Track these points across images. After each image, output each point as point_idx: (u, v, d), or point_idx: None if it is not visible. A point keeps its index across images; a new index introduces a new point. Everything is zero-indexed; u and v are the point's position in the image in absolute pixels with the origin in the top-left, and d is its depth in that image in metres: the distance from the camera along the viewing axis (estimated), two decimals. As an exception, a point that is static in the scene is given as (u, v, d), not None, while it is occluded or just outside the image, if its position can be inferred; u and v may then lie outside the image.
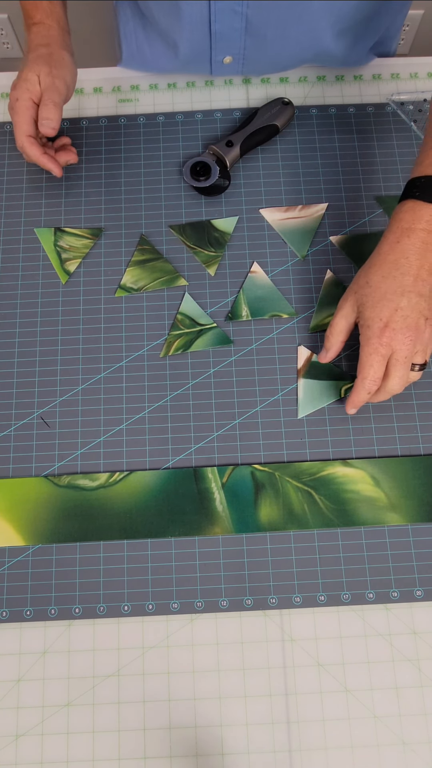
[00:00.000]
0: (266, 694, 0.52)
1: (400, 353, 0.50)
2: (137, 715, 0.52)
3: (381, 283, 0.51)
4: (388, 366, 0.52)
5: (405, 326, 0.50)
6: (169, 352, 0.61)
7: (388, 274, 0.50)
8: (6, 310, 0.62)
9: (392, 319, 0.50)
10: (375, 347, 0.51)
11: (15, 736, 0.51)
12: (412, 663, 0.52)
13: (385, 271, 0.51)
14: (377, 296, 0.50)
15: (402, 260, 0.50)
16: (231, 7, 0.60)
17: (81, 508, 0.56)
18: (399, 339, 0.50)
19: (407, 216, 0.51)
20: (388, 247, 0.51)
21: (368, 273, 0.52)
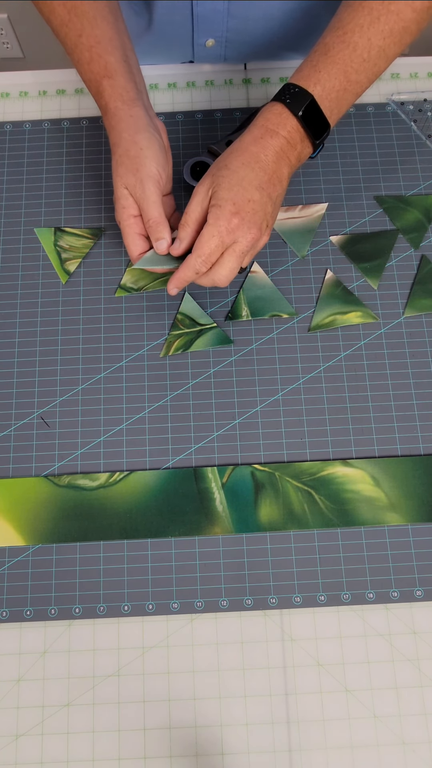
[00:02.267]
0: (266, 694, 0.52)
1: (239, 245, 0.49)
2: (137, 715, 0.52)
3: (240, 168, 0.49)
4: (224, 254, 0.50)
5: (252, 221, 0.49)
6: (169, 352, 0.61)
7: (247, 163, 0.49)
8: (6, 310, 0.62)
9: (243, 209, 0.49)
10: (220, 230, 0.49)
11: (15, 736, 0.51)
12: (412, 663, 0.52)
13: (245, 158, 0.49)
14: (234, 180, 0.49)
15: (261, 155, 0.49)
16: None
17: (81, 508, 0.56)
18: (244, 230, 0.49)
19: (274, 118, 0.50)
20: (251, 140, 0.50)
21: (227, 158, 0.50)
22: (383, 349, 0.61)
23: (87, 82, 0.55)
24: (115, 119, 0.53)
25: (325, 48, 0.50)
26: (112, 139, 0.54)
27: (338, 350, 0.61)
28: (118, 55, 0.54)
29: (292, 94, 0.50)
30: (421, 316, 0.62)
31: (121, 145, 0.53)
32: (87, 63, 0.54)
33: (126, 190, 0.52)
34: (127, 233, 0.53)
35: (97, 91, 0.54)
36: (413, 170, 0.66)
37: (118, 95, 0.53)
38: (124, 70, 0.54)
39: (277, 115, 0.50)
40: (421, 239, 0.64)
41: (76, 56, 0.55)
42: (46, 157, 0.68)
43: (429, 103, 0.69)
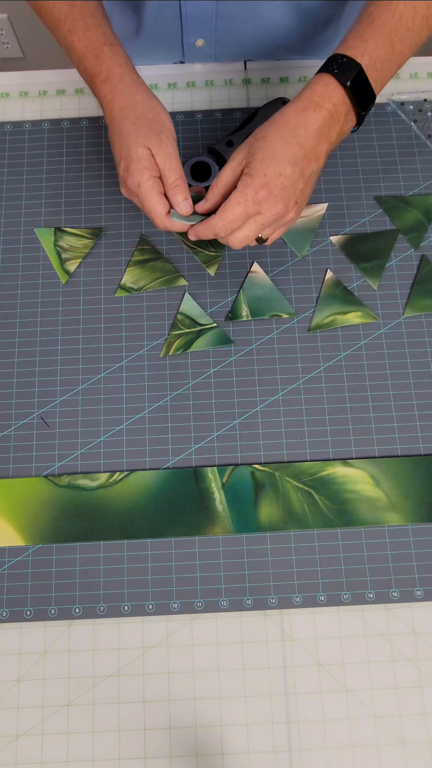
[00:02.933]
0: (266, 694, 0.52)
1: (261, 216, 0.49)
2: (137, 715, 0.52)
3: (276, 141, 0.49)
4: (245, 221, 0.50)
5: (279, 195, 0.49)
6: (169, 352, 0.60)
7: (285, 136, 0.49)
8: (6, 310, 0.62)
9: (272, 181, 0.48)
10: (246, 198, 0.49)
11: (15, 736, 0.51)
12: (412, 663, 0.52)
13: (283, 132, 0.49)
14: (269, 152, 0.49)
15: (301, 129, 0.49)
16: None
17: (81, 508, 0.56)
18: (270, 203, 0.49)
19: (320, 90, 0.49)
20: (293, 112, 0.49)
21: (267, 128, 0.50)
22: (383, 349, 0.61)
23: (82, 50, 0.54)
24: (123, 83, 0.53)
25: (370, 18, 0.49)
26: (121, 103, 0.53)
27: (338, 350, 0.61)
28: (111, 28, 0.55)
29: (339, 64, 0.49)
30: (421, 316, 0.62)
31: (136, 108, 0.52)
32: (83, 30, 0.54)
33: (147, 150, 0.51)
34: (152, 194, 0.52)
35: (96, 56, 0.54)
36: (413, 170, 0.66)
37: (122, 61, 0.54)
38: (119, 42, 0.55)
39: (324, 87, 0.49)
40: (421, 239, 0.64)
41: (68, 25, 0.54)
42: (46, 157, 0.68)
43: (429, 103, 0.69)
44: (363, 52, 0.49)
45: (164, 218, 0.53)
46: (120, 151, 0.52)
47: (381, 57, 0.49)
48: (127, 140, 0.52)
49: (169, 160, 0.52)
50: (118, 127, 0.52)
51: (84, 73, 0.55)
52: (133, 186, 0.52)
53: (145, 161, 0.51)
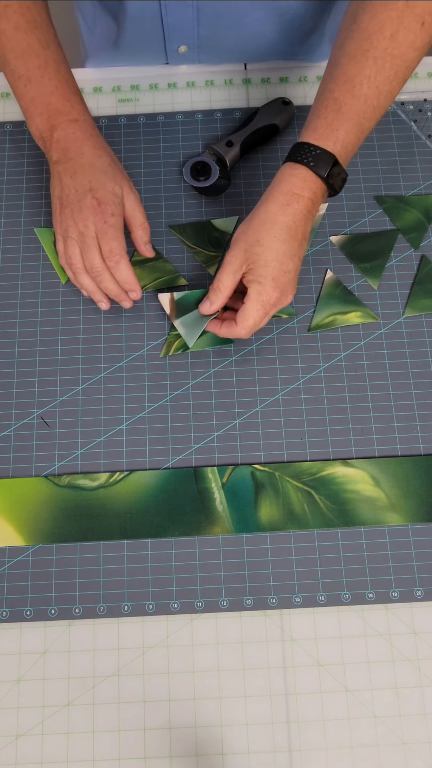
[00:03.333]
0: (266, 694, 0.52)
1: (275, 309, 0.53)
2: (137, 715, 0.52)
3: (273, 243, 0.51)
4: None
5: (288, 288, 0.52)
6: (169, 352, 0.60)
7: (280, 236, 0.51)
8: (6, 310, 0.62)
9: (281, 281, 0.51)
10: (264, 305, 0.52)
11: (15, 736, 0.51)
12: (412, 663, 0.52)
13: (276, 232, 0.51)
14: (271, 256, 0.51)
15: (292, 224, 0.51)
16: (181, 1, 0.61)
17: (81, 508, 0.56)
18: (282, 299, 0.53)
19: (299, 183, 0.51)
20: (279, 209, 0.51)
21: (259, 231, 0.51)
22: (383, 349, 0.61)
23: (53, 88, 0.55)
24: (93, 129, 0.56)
25: (336, 104, 0.50)
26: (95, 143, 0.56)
27: (338, 350, 0.61)
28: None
29: (314, 156, 0.50)
30: (421, 316, 0.62)
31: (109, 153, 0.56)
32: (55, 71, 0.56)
33: (120, 191, 0.55)
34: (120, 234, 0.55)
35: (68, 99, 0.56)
36: (413, 170, 0.66)
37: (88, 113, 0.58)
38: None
39: (302, 180, 0.51)
40: (421, 239, 0.64)
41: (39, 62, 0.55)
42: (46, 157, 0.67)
43: (429, 103, 0.69)
44: (335, 141, 0.50)
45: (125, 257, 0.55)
46: (86, 183, 0.54)
47: (351, 141, 0.51)
48: (104, 174, 0.54)
49: (138, 204, 0.56)
50: (89, 161, 0.54)
51: (44, 108, 0.55)
52: (107, 215, 0.53)
53: (117, 198, 0.54)
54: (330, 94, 0.51)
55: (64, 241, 0.56)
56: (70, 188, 0.54)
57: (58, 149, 0.55)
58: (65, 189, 0.54)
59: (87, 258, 0.55)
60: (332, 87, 0.51)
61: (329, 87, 0.51)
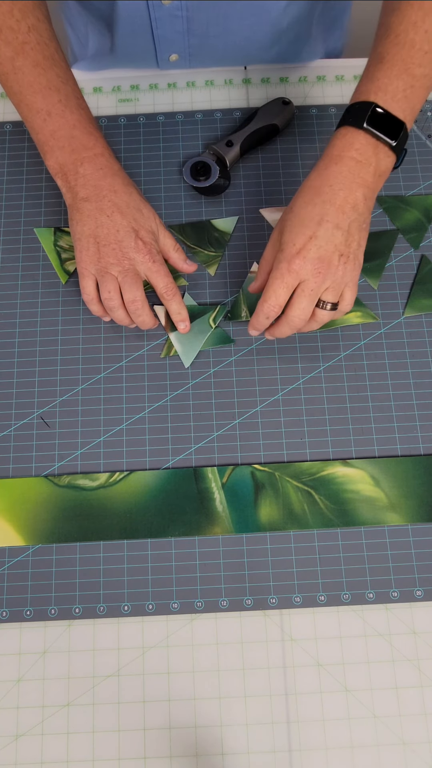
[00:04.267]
0: (266, 694, 0.52)
1: (306, 284, 0.49)
2: (137, 715, 0.52)
3: (301, 209, 0.49)
4: (293, 295, 0.50)
5: (317, 257, 0.48)
6: (169, 353, 0.60)
7: (309, 201, 0.48)
8: (6, 310, 0.62)
9: (306, 247, 0.48)
10: (282, 272, 0.48)
11: (15, 736, 0.51)
12: (412, 663, 0.52)
13: (306, 197, 0.49)
14: (296, 221, 0.48)
15: (325, 187, 0.48)
16: (170, 11, 0.60)
17: (81, 508, 0.56)
18: (308, 269, 0.48)
19: (339, 143, 0.49)
20: (316, 174, 0.49)
21: (293, 200, 0.50)
22: (383, 349, 0.61)
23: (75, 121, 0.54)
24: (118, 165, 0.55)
25: (378, 57, 0.48)
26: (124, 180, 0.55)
27: (338, 350, 0.61)
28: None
29: (353, 111, 0.48)
30: (421, 316, 0.62)
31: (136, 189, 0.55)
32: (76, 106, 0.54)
33: (155, 228, 0.55)
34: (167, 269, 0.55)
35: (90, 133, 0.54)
36: (413, 170, 0.66)
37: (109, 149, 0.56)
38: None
39: (341, 138, 0.48)
40: (421, 239, 0.64)
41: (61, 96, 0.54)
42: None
43: (429, 103, 0.69)
44: (376, 90, 0.48)
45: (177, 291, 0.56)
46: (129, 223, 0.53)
47: (400, 87, 0.48)
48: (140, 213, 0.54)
49: (167, 232, 0.56)
50: (125, 200, 0.53)
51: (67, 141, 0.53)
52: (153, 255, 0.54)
53: (155, 235, 0.55)
54: (373, 51, 0.49)
55: (99, 277, 0.54)
56: (110, 228, 0.52)
57: (87, 185, 0.53)
58: (102, 228, 0.52)
59: (129, 293, 0.53)
60: (375, 44, 0.49)
61: (374, 46, 0.49)
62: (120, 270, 0.53)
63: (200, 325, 0.61)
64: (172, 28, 0.63)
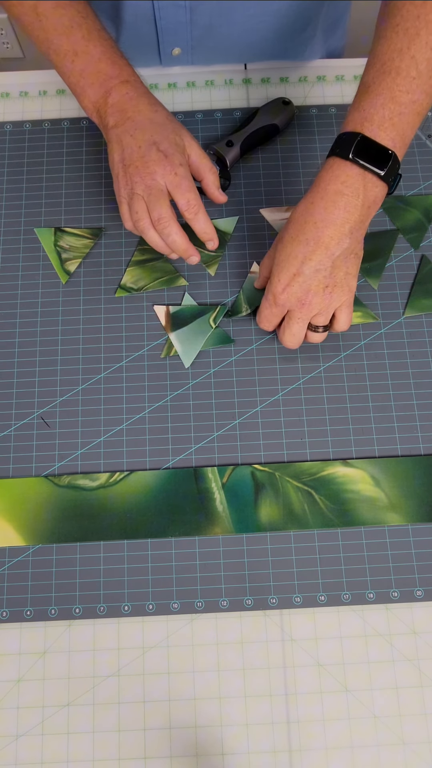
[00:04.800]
0: (266, 694, 0.52)
1: (293, 314, 0.53)
2: (137, 715, 0.52)
3: (288, 244, 0.50)
4: (285, 319, 0.54)
5: (302, 291, 0.51)
6: (169, 353, 0.60)
7: (295, 237, 0.50)
8: (6, 310, 0.62)
9: (290, 284, 0.50)
10: (270, 303, 0.53)
11: (15, 736, 0.51)
12: (412, 663, 0.52)
13: (293, 231, 0.50)
14: (283, 256, 0.51)
15: (310, 225, 0.48)
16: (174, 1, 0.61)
17: (81, 508, 0.56)
18: (293, 302, 0.51)
19: (326, 175, 0.49)
20: (303, 207, 0.49)
21: (285, 229, 0.51)
22: (383, 349, 0.61)
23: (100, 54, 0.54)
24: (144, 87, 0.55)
25: (364, 86, 0.48)
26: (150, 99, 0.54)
27: (338, 350, 0.61)
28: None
29: (339, 142, 0.48)
30: (421, 316, 0.62)
31: (164, 108, 0.55)
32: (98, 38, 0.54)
33: (182, 144, 0.53)
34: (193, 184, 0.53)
35: (114, 62, 0.54)
36: (413, 170, 0.66)
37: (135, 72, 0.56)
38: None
39: (329, 170, 0.48)
40: (421, 239, 0.64)
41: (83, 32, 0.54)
42: (46, 157, 0.68)
43: (429, 103, 0.69)
44: (362, 120, 0.47)
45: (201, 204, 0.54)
46: (150, 136, 0.52)
47: (386, 116, 0.47)
48: (164, 127, 0.52)
49: (201, 151, 0.55)
50: (147, 117, 0.53)
51: (95, 77, 0.54)
52: (175, 166, 0.51)
53: (182, 149, 0.53)
54: (361, 81, 0.49)
55: (129, 200, 0.53)
56: (132, 146, 0.52)
57: (114, 113, 0.53)
58: (127, 149, 0.52)
59: (155, 210, 0.52)
60: (364, 74, 0.49)
61: (362, 76, 0.49)
62: (144, 188, 0.52)
63: (200, 325, 0.61)
64: (176, 19, 0.63)
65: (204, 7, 0.62)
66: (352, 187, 0.47)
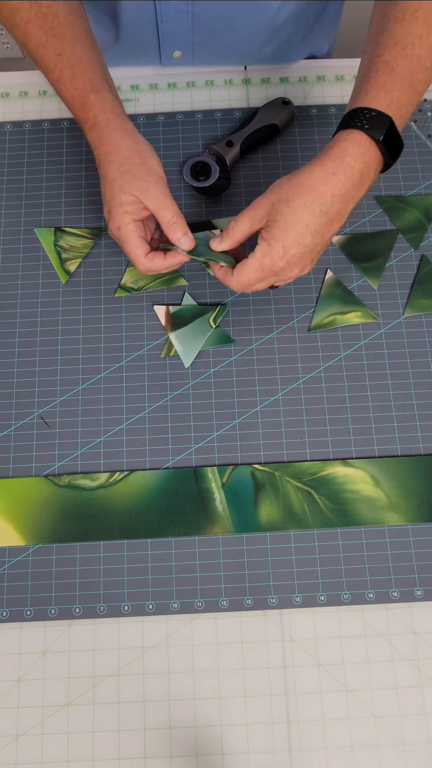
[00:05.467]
0: (266, 694, 0.52)
1: (277, 278, 0.51)
2: (137, 715, 0.52)
3: (299, 209, 0.47)
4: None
5: (296, 262, 0.49)
6: (169, 353, 0.60)
7: (309, 204, 0.47)
8: (6, 310, 0.62)
9: (291, 252, 0.48)
10: (263, 267, 0.49)
11: (15, 736, 0.51)
12: (412, 663, 0.52)
13: (308, 199, 0.47)
14: (290, 220, 0.48)
15: (328, 196, 0.47)
16: (176, 7, 0.61)
17: (81, 508, 0.56)
18: (286, 271, 0.50)
19: (352, 149, 0.47)
20: (323, 176, 0.47)
21: (293, 191, 0.48)
22: (383, 349, 0.61)
23: (69, 98, 0.54)
24: (109, 129, 0.53)
25: (388, 66, 0.47)
26: (106, 148, 0.52)
27: (338, 350, 0.61)
28: (101, 73, 0.54)
29: (369, 118, 0.47)
30: (421, 316, 0.62)
31: (121, 154, 0.52)
32: (69, 80, 0.53)
33: (132, 196, 0.51)
34: (131, 238, 0.52)
35: (83, 105, 0.53)
36: (413, 170, 0.66)
37: (108, 108, 0.53)
38: (109, 87, 0.54)
39: (357, 145, 0.47)
40: (421, 239, 0.64)
41: (56, 75, 0.54)
42: (46, 157, 0.68)
43: (429, 103, 0.69)
44: (389, 103, 0.47)
45: (144, 260, 0.52)
46: (104, 196, 0.53)
47: (405, 103, 0.48)
48: (111, 186, 0.52)
49: (160, 201, 0.51)
50: (104, 172, 0.52)
51: (76, 120, 0.55)
52: (114, 229, 0.52)
53: (127, 206, 0.51)
54: (379, 58, 0.48)
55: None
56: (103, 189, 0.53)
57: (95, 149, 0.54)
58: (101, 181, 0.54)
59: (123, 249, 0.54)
60: (380, 51, 0.48)
61: (377, 52, 0.48)
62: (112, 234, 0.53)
63: (200, 325, 0.61)
64: (178, 24, 0.63)
65: (206, 14, 0.62)
66: (370, 168, 0.48)
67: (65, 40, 0.54)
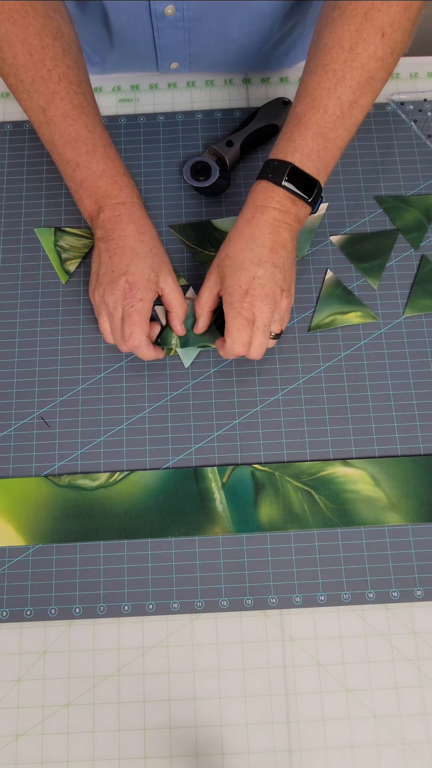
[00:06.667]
0: (266, 694, 0.52)
1: (259, 321, 0.52)
2: (137, 715, 0.52)
3: (239, 254, 0.52)
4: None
5: (263, 294, 0.52)
6: (169, 353, 0.60)
7: (245, 246, 0.52)
8: (6, 310, 0.62)
9: (251, 287, 0.51)
10: (238, 311, 0.52)
11: (15, 736, 0.51)
12: (412, 663, 0.52)
13: (242, 243, 0.52)
14: (236, 266, 0.52)
15: (257, 233, 0.52)
16: (172, 23, 0.61)
17: (81, 508, 0.56)
18: (258, 306, 0.52)
19: (261, 195, 0.52)
20: (245, 222, 0.53)
21: (227, 246, 0.53)
22: (383, 349, 0.61)
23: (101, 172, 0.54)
24: (141, 212, 0.56)
25: (297, 118, 0.52)
26: (140, 227, 0.55)
27: (338, 350, 0.61)
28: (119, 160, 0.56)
29: (272, 168, 0.52)
30: (421, 316, 0.62)
31: (153, 237, 0.55)
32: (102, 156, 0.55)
33: (157, 277, 0.54)
34: (147, 314, 0.54)
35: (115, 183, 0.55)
36: (413, 170, 0.66)
37: (136, 194, 0.56)
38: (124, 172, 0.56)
39: (263, 191, 0.52)
40: (421, 239, 0.64)
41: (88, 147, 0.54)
42: (46, 157, 0.68)
43: (429, 103, 0.69)
44: (293, 150, 0.51)
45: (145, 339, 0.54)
46: (126, 268, 0.53)
47: (314, 149, 0.51)
48: (142, 261, 0.54)
49: (177, 293, 0.56)
50: (130, 245, 0.54)
51: (93, 191, 0.55)
52: (135, 300, 0.53)
53: (152, 284, 0.54)
54: (293, 110, 0.53)
55: (98, 316, 0.56)
56: (108, 267, 0.54)
57: (103, 228, 0.55)
58: (103, 267, 0.54)
59: (116, 339, 0.55)
60: (295, 104, 0.53)
61: (294, 105, 0.53)
62: (107, 313, 0.55)
63: None
64: (174, 38, 0.64)
65: (202, 28, 0.62)
66: (285, 206, 0.52)
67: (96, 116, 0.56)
